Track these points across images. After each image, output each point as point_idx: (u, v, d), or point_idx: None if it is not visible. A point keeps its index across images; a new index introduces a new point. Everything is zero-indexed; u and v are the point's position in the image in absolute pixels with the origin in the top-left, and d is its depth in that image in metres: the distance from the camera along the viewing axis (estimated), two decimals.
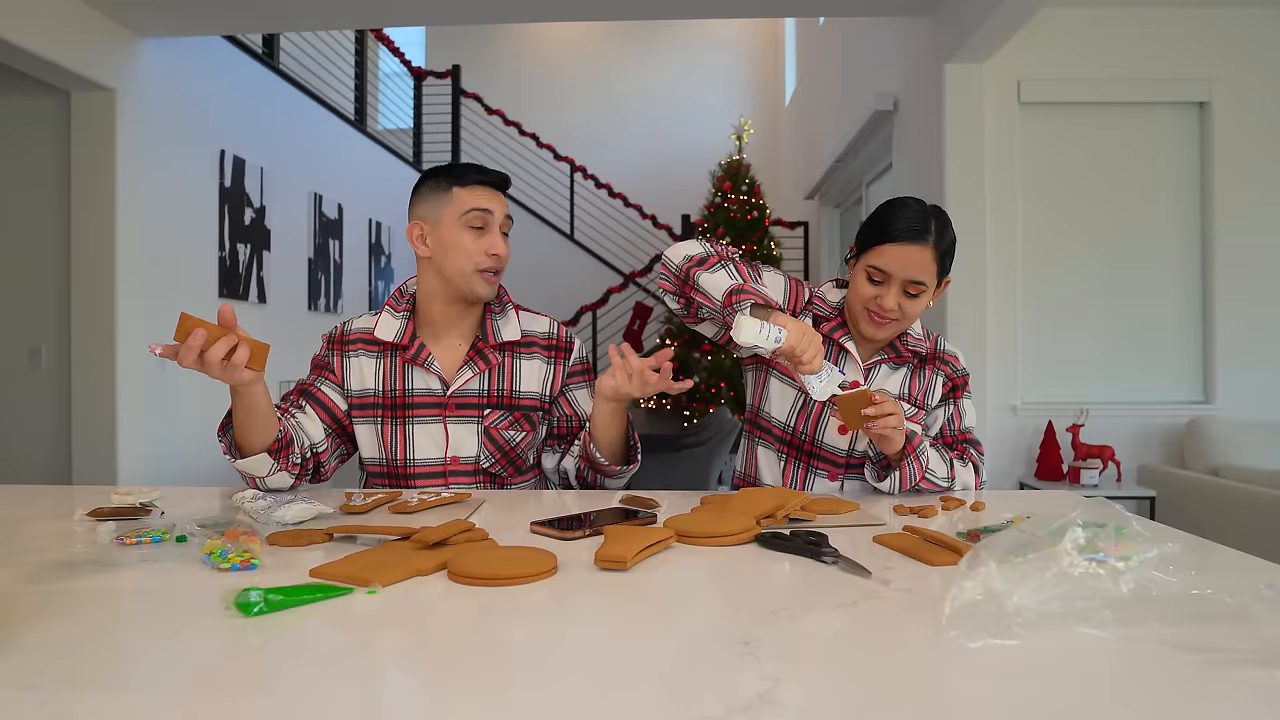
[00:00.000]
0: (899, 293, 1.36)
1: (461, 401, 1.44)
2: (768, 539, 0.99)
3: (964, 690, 0.59)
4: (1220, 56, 3.66)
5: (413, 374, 1.44)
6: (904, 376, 1.48)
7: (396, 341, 1.45)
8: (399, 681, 0.61)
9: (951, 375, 1.50)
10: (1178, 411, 3.64)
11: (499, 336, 1.47)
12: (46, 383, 3.78)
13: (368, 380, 1.46)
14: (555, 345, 1.51)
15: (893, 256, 1.34)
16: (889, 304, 1.36)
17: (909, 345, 1.48)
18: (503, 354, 1.47)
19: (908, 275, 1.34)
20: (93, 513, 1.13)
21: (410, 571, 0.84)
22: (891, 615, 0.74)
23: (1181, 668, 0.61)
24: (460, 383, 1.44)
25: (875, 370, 1.48)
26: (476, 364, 1.45)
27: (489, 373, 1.45)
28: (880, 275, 1.36)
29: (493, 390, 1.45)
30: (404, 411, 1.43)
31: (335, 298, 5.88)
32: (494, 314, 1.49)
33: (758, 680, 0.58)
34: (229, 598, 0.73)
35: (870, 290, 1.38)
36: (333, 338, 1.50)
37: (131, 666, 0.63)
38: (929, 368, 1.50)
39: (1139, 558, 0.71)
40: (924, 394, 1.49)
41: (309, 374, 1.50)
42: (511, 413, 1.46)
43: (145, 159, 3.87)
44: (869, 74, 5.21)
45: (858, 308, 1.41)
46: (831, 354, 1.47)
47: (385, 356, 1.46)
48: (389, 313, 1.48)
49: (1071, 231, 3.71)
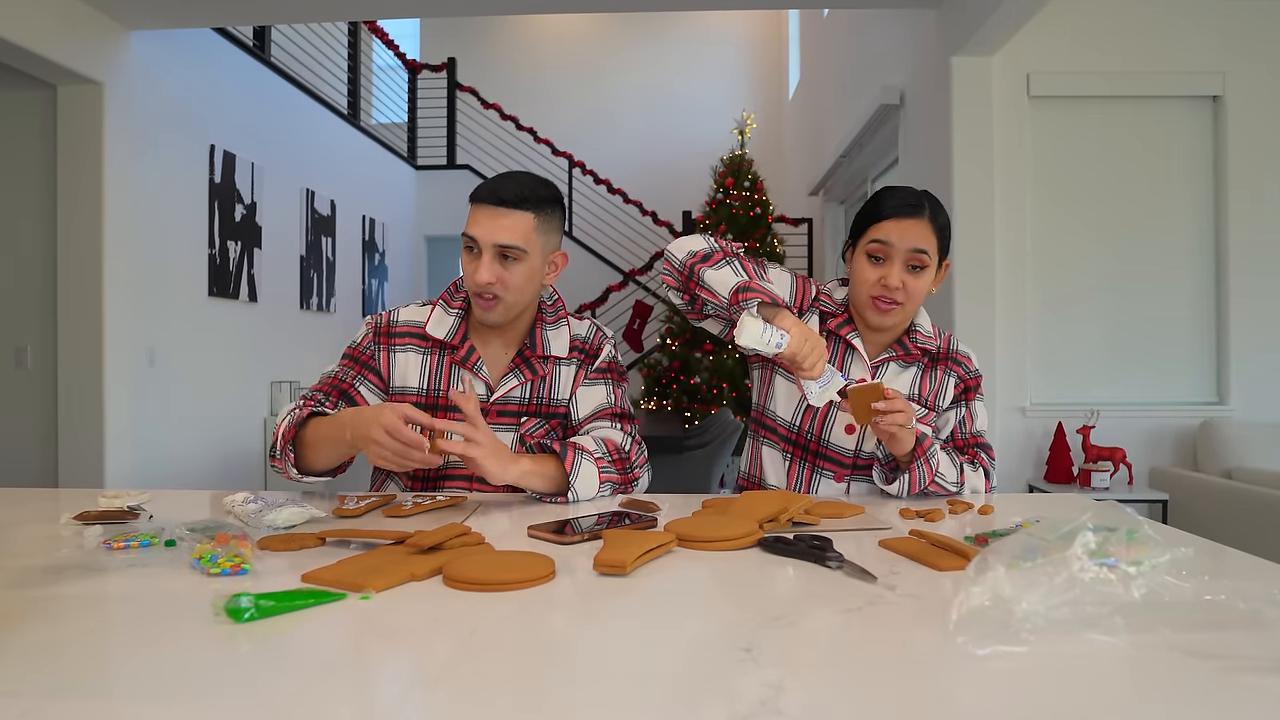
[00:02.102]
0: (902, 268, 1.38)
1: (503, 409, 1.42)
2: (771, 543, 0.99)
3: (971, 698, 0.59)
4: (1234, 49, 3.66)
5: (458, 376, 1.42)
6: (914, 376, 1.48)
7: (448, 340, 1.42)
8: (393, 689, 0.61)
9: (964, 377, 1.50)
10: (1191, 412, 3.64)
11: (547, 348, 1.44)
12: (32, 383, 3.78)
13: (410, 378, 1.42)
14: (585, 349, 1.48)
15: (893, 229, 1.37)
16: (894, 281, 1.37)
17: (919, 342, 1.48)
18: (547, 364, 1.45)
19: (909, 244, 1.37)
20: (79, 516, 1.13)
21: (405, 576, 0.84)
22: (897, 621, 0.74)
23: (1194, 675, 0.61)
24: (504, 390, 1.41)
25: (883, 368, 1.48)
26: (522, 372, 1.42)
27: (533, 383, 1.43)
28: (882, 250, 1.38)
29: (534, 400, 1.44)
30: (444, 413, 1.40)
31: (328, 296, 5.88)
32: (545, 324, 1.46)
33: (760, 688, 0.58)
34: (219, 603, 0.73)
35: (873, 272, 1.39)
36: (378, 328, 1.45)
37: (118, 673, 0.63)
38: (940, 368, 1.50)
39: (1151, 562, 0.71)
40: (935, 395, 1.48)
41: (344, 365, 1.44)
42: (548, 421, 1.45)
43: (133, 154, 3.87)
44: (874, 67, 5.21)
45: (863, 295, 1.42)
46: (838, 351, 1.48)
47: (432, 354, 1.43)
48: (442, 308, 1.45)
49: (1082, 229, 3.71)
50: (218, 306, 4.60)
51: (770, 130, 9.27)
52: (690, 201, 7.69)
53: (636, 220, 8.53)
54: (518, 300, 1.37)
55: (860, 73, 5.65)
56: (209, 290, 4.49)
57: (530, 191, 1.35)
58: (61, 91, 3.68)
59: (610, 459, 1.36)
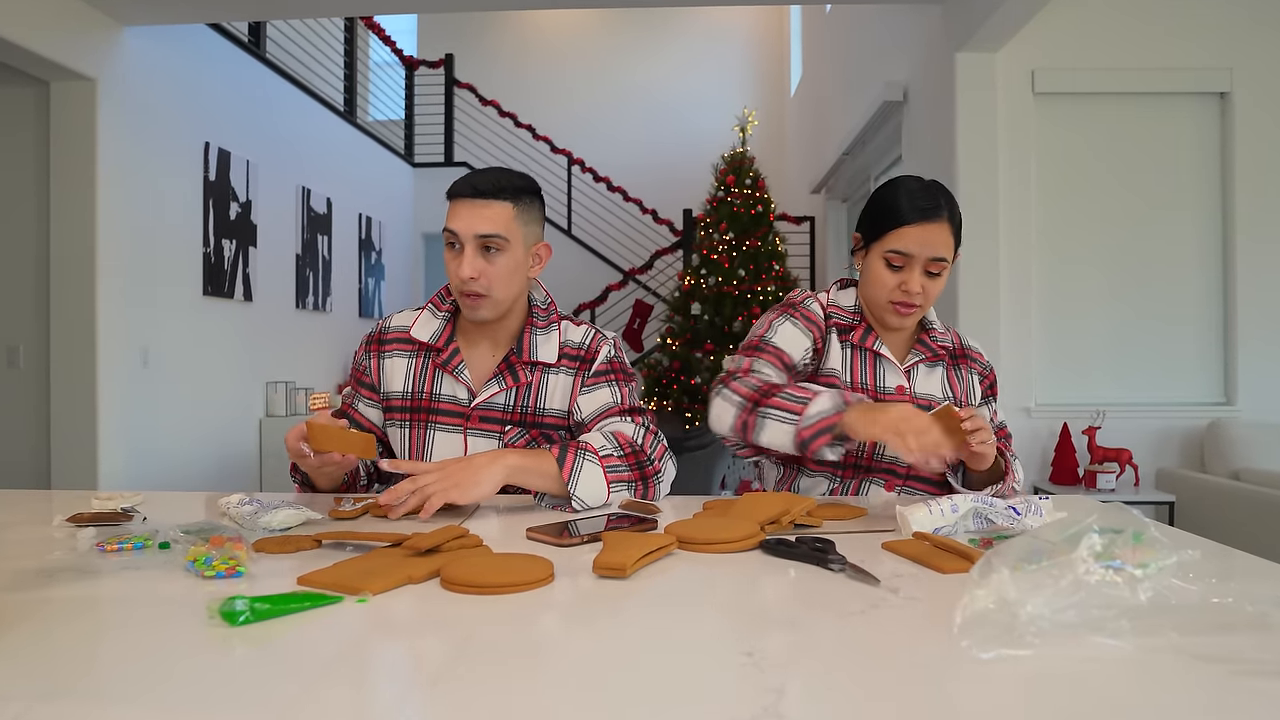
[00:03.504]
0: (921, 274, 1.37)
1: (485, 415, 1.41)
2: (772, 546, 0.98)
3: (976, 703, 0.59)
4: (1241, 45, 3.66)
5: (441, 379, 1.43)
6: (942, 375, 1.49)
7: (432, 343, 1.43)
8: (390, 694, 0.61)
9: (983, 372, 1.53)
10: (1198, 413, 3.64)
11: (534, 354, 1.42)
12: (24, 383, 3.78)
13: (396, 382, 1.45)
14: (580, 357, 1.44)
15: (914, 237, 1.35)
16: (915, 288, 1.36)
17: (937, 340, 1.49)
18: (533, 371, 1.43)
19: (930, 254, 1.35)
20: (72, 518, 1.13)
21: (402, 579, 0.84)
22: (901, 625, 0.74)
23: (1202, 679, 0.61)
24: (485, 396, 1.41)
25: (915, 371, 1.47)
26: (505, 379, 1.41)
27: (516, 390, 1.42)
28: (901, 259, 1.36)
29: (518, 408, 1.42)
30: (428, 416, 1.42)
31: (324, 295, 5.88)
32: (535, 328, 1.44)
33: (761, 693, 0.58)
34: (213, 606, 0.73)
35: (893, 278, 1.38)
36: (371, 338, 1.50)
37: (111, 678, 0.63)
38: (962, 366, 1.51)
39: (1157, 565, 0.70)
40: (965, 394, 1.49)
41: (350, 384, 1.53)
42: (530, 431, 1.42)
43: (127, 151, 3.87)
44: (877, 63, 5.21)
45: (882, 299, 1.40)
46: (868, 363, 1.45)
47: (418, 357, 1.45)
48: (430, 311, 1.47)
49: (1088, 227, 3.71)
50: (212, 306, 4.60)
51: (772, 127, 9.26)
52: (691, 199, 7.69)
53: (636, 218, 8.53)
54: (504, 294, 1.37)
55: (863, 69, 5.65)
56: (203, 289, 4.49)
57: (507, 182, 1.37)
58: (54, 88, 3.68)
59: (621, 454, 1.30)
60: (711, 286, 6.43)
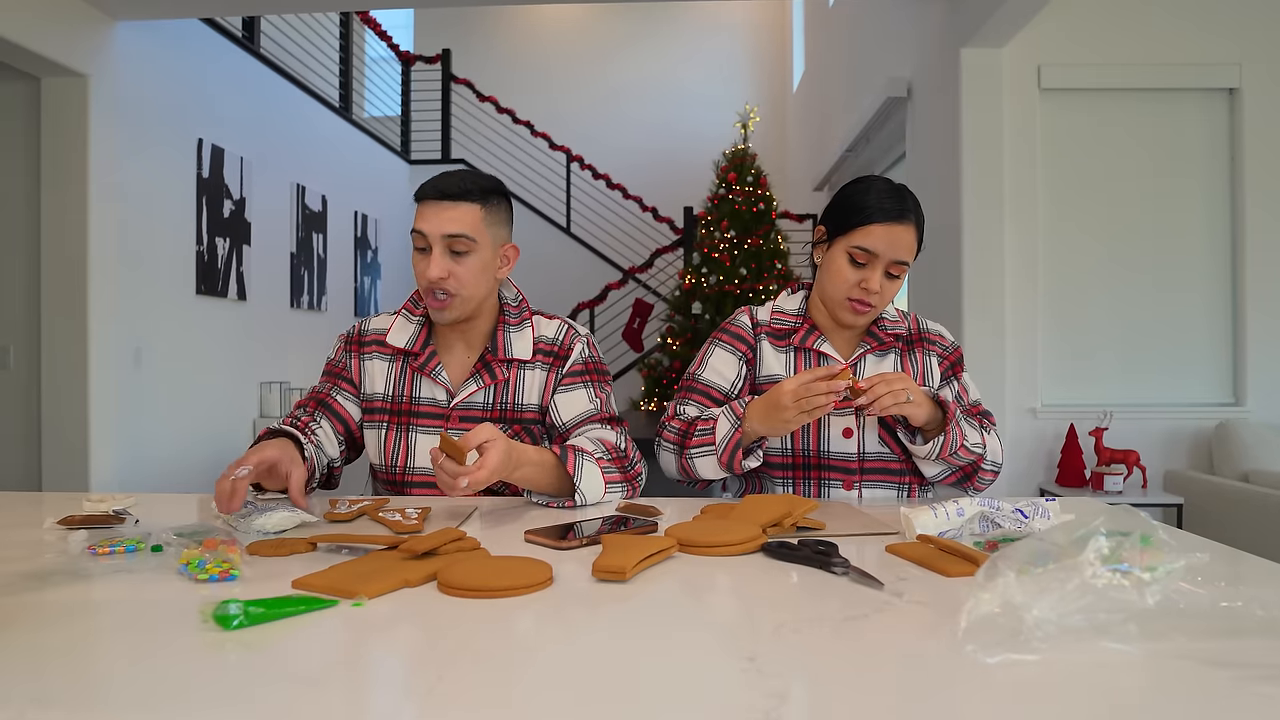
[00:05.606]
0: (882, 274, 1.40)
1: (465, 414, 1.45)
2: (774, 549, 0.99)
3: (981, 708, 0.59)
4: (1250, 41, 3.66)
5: (420, 382, 1.47)
6: (894, 362, 1.51)
7: (408, 348, 1.47)
8: (385, 700, 0.61)
9: (943, 353, 1.54)
10: (1206, 414, 3.64)
11: (509, 351, 1.47)
12: (15, 383, 3.78)
13: (377, 385, 1.49)
14: (554, 352, 1.50)
15: (880, 236, 1.38)
16: (875, 286, 1.40)
17: (887, 329, 1.51)
18: (509, 368, 1.47)
19: (894, 255, 1.39)
20: (63, 521, 1.13)
21: (398, 583, 0.84)
22: (905, 629, 0.74)
23: (1210, 684, 0.61)
24: (464, 395, 1.45)
25: (861, 363, 1.50)
26: (482, 377, 1.46)
27: (494, 387, 1.46)
28: (865, 257, 1.39)
29: (497, 404, 1.46)
30: (409, 419, 1.46)
31: (319, 294, 5.88)
32: (508, 325, 1.49)
33: (763, 698, 0.58)
34: (207, 610, 0.73)
35: (855, 274, 1.41)
36: (350, 338, 1.53)
37: (103, 682, 0.63)
38: (918, 350, 1.53)
39: (1165, 568, 0.71)
40: (921, 377, 1.51)
41: (323, 380, 1.53)
42: (511, 426, 1.47)
43: (119, 148, 3.87)
44: (881, 59, 5.21)
45: (839, 295, 1.43)
46: (811, 362, 1.49)
47: (396, 362, 1.49)
48: (404, 316, 1.51)
49: (1094, 225, 3.71)
50: (206, 305, 4.60)
51: (774, 124, 9.27)
52: (692, 197, 7.69)
53: (636, 216, 8.53)
54: (472, 295, 1.41)
55: (866, 65, 5.65)
56: (197, 288, 4.48)
57: (474, 184, 1.40)
58: (45, 84, 3.67)
59: (610, 458, 1.37)
60: (713, 285, 6.43)
